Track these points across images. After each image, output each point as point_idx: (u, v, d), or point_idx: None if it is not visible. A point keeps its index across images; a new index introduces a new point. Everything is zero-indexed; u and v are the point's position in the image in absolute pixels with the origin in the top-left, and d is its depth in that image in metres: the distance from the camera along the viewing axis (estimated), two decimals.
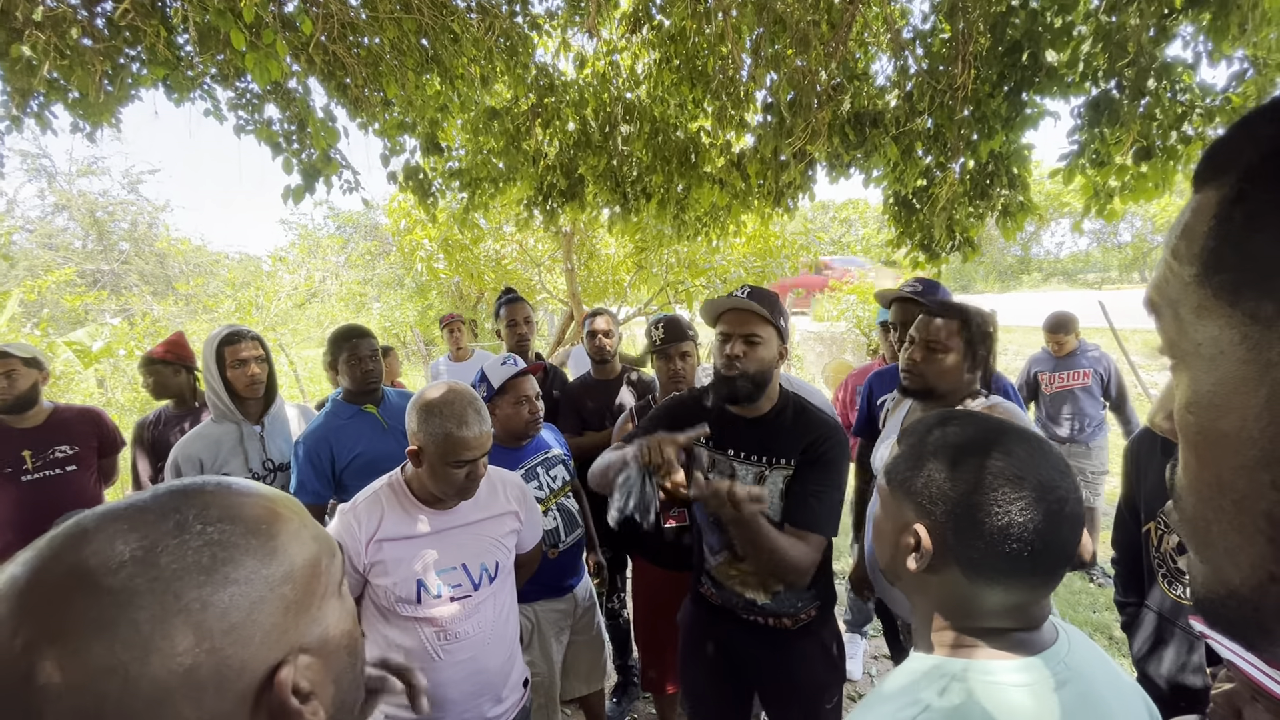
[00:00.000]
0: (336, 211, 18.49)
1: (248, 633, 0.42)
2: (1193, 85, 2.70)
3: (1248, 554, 0.29)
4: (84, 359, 7.29)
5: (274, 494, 0.51)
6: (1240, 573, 0.29)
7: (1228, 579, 0.30)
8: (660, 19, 3.57)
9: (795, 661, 1.62)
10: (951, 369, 1.61)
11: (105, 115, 3.16)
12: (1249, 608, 0.29)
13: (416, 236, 8.94)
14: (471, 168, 4.08)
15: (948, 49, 2.86)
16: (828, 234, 26.96)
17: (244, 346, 2.15)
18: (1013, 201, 3.22)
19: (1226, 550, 0.30)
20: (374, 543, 1.41)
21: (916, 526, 0.70)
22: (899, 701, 0.66)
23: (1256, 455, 0.27)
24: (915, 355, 1.64)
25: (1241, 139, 0.29)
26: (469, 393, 1.46)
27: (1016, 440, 0.69)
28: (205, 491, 0.46)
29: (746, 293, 1.51)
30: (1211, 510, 0.31)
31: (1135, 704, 0.71)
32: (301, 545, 0.48)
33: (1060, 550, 0.66)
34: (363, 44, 3.21)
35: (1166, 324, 0.32)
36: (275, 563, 0.45)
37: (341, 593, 0.53)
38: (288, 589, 0.45)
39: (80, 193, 16.76)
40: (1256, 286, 0.27)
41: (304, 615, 0.46)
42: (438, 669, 1.44)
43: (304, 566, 0.47)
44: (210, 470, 2.10)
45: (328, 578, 0.50)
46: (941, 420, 0.76)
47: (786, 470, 1.51)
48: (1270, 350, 0.26)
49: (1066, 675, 0.65)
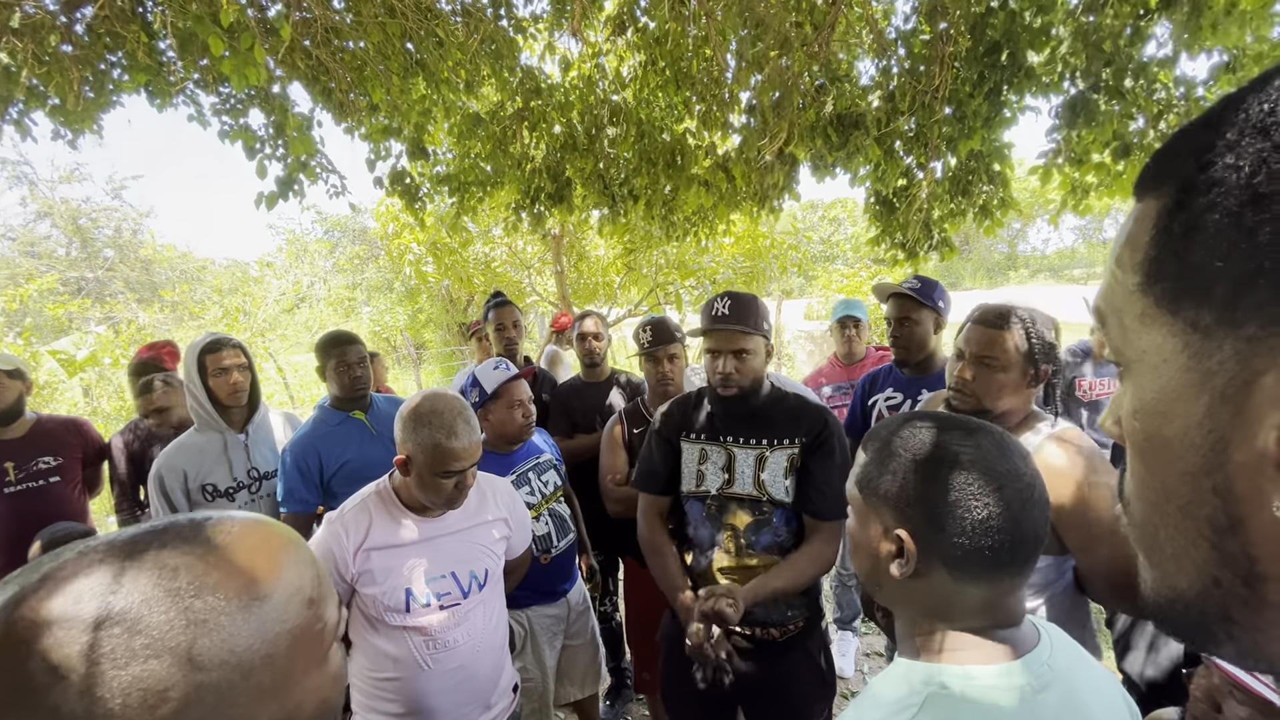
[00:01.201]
0: (324, 216, 18.34)
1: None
2: (1169, 84, 2.74)
3: (1192, 558, 0.29)
4: (68, 368, 7.21)
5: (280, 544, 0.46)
6: (1186, 577, 0.30)
7: (1174, 583, 0.31)
8: (645, 21, 3.58)
9: (782, 675, 1.61)
10: (1009, 386, 1.39)
11: (86, 122, 3.13)
12: (1194, 611, 0.30)
13: (405, 240, 8.91)
14: (459, 172, 4.07)
15: (929, 49, 2.89)
16: (817, 233, 27.08)
17: (226, 355, 2.13)
18: (993, 199, 3.26)
19: (1173, 555, 0.30)
20: (362, 551, 1.40)
21: (898, 532, 0.70)
22: (885, 710, 0.66)
23: (1199, 461, 0.28)
24: (965, 372, 1.42)
25: (1181, 149, 0.29)
26: (459, 402, 1.45)
27: (977, 433, 0.71)
28: (207, 547, 0.41)
29: (727, 304, 1.54)
30: (1158, 516, 0.31)
31: (1117, 705, 0.72)
32: (296, 614, 0.44)
33: (1034, 536, 0.68)
34: (347, 48, 3.20)
35: (1113, 332, 0.33)
36: (260, 642, 0.41)
37: (328, 659, 0.48)
38: (265, 676, 0.41)
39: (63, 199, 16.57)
40: (1195, 295, 0.27)
41: (279, 696, 0.42)
42: (426, 678, 1.43)
43: (291, 641, 0.43)
44: (194, 480, 2.08)
45: (318, 647, 0.46)
46: (899, 422, 0.76)
47: (790, 450, 1.56)
48: (1210, 359, 0.27)
49: (1049, 678, 0.66)
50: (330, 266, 16.19)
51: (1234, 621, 0.28)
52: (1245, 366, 0.25)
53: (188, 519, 0.44)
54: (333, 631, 0.49)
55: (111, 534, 0.41)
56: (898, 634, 0.77)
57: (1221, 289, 0.26)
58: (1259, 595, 0.27)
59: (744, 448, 1.60)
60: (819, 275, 12.49)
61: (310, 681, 0.45)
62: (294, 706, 0.44)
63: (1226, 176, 0.26)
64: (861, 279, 10.18)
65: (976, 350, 1.40)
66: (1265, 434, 0.25)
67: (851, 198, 32.67)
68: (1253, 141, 0.25)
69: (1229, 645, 0.29)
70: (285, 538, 0.48)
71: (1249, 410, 0.25)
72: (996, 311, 1.42)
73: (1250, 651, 0.29)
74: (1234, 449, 0.26)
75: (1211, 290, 0.26)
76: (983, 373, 1.39)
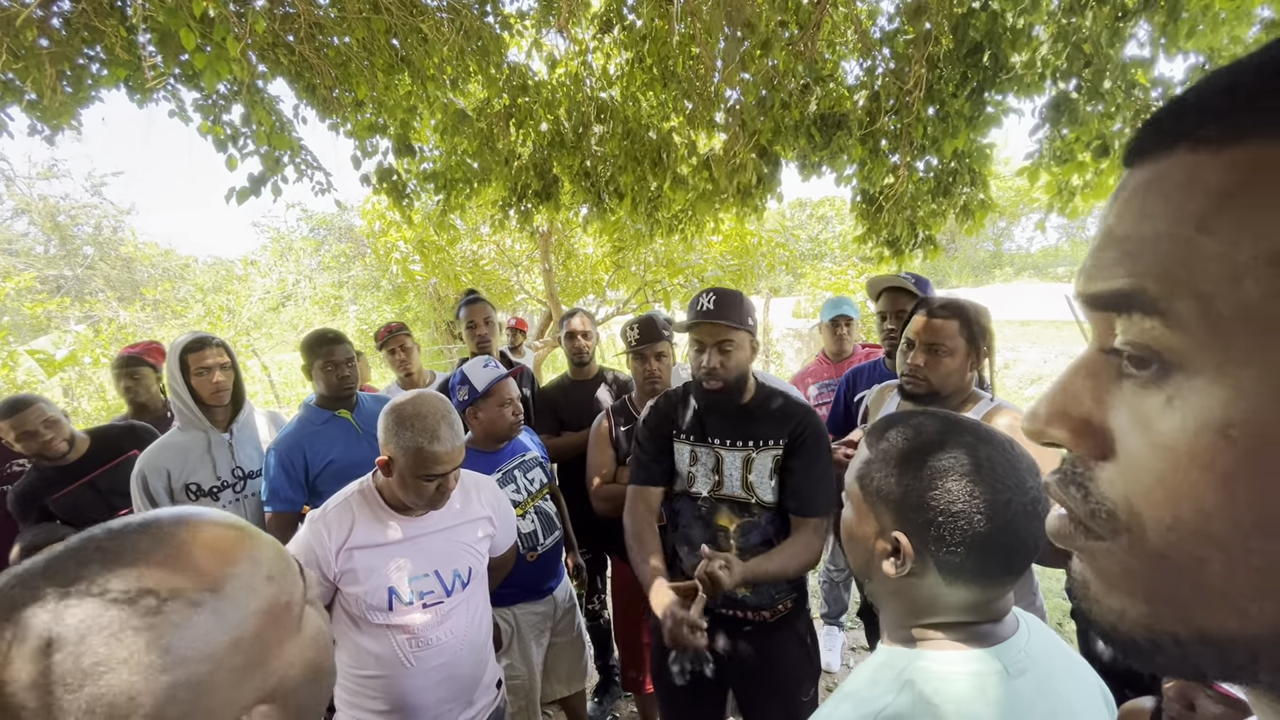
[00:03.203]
0: (310, 213, 18.14)
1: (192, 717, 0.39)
2: (1147, 85, 2.78)
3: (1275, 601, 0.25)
4: (48, 368, 7.09)
5: (219, 532, 0.46)
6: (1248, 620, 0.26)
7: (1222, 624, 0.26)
8: (632, 19, 3.57)
9: (773, 655, 1.65)
10: (956, 370, 1.54)
11: (64, 117, 3.08)
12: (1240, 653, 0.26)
13: (391, 238, 8.84)
14: (445, 169, 4.05)
15: (912, 50, 2.91)
16: (805, 231, 27.20)
17: (208, 354, 2.11)
18: (974, 199, 3.29)
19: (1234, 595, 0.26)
20: (344, 551, 1.39)
21: (896, 534, 0.69)
22: (864, 695, 0.67)
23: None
24: (918, 359, 1.55)
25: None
26: (443, 405, 1.44)
27: (986, 441, 0.69)
28: (137, 553, 0.41)
29: (712, 300, 1.56)
30: (1220, 551, 0.26)
31: (1092, 690, 0.74)
32: (254, 594, 0.44)
33: (1034, 549, 0.67)
34: (331, 44, 3.17)
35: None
36: (221, 629, 0.41)
37: (302, 626, 0.49)
38: (238, 659, 0.42)
39: (41, 196, 16.27)
40: None
41: (258, 672, 0.43)
42: (409, 675, 1.43)
43: (256, 620, 0.44)
44: (177, 479, 2.06)
45: (286, 619, 0.47)
46: (906, 421, 0.75)
47: (775, 451, 1.59)
48: None
49: (1026, 664, 0.67)
50: (316, 264, 16.02)
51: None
52: None
53: (121, 525, 0.43)
54: (301, 600, 0.49)
55: (52, 552, 0.41)
56: (883, 623, 0.78)
57: None
58: None
59: (731, 450, 1.62)
60: (807, 273, 12.53)
61: (288, 652, 0.46)
62: (278, 678, 0.45)
63: None
64: (849, 277, 10.25)
65: (927, 339, 1.54)
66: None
67: (839, 196, 32.86)
68: None
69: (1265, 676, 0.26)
70: (228, 525, 0.48)
71: None
72: (940, 303, 1.58)
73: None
74: None
75: None
76: (933, 359, 1.53)
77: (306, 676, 0.48)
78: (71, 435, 2.34)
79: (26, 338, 9.18)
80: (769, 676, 1.66)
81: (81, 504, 2.30)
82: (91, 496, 2.32)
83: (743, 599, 1.62)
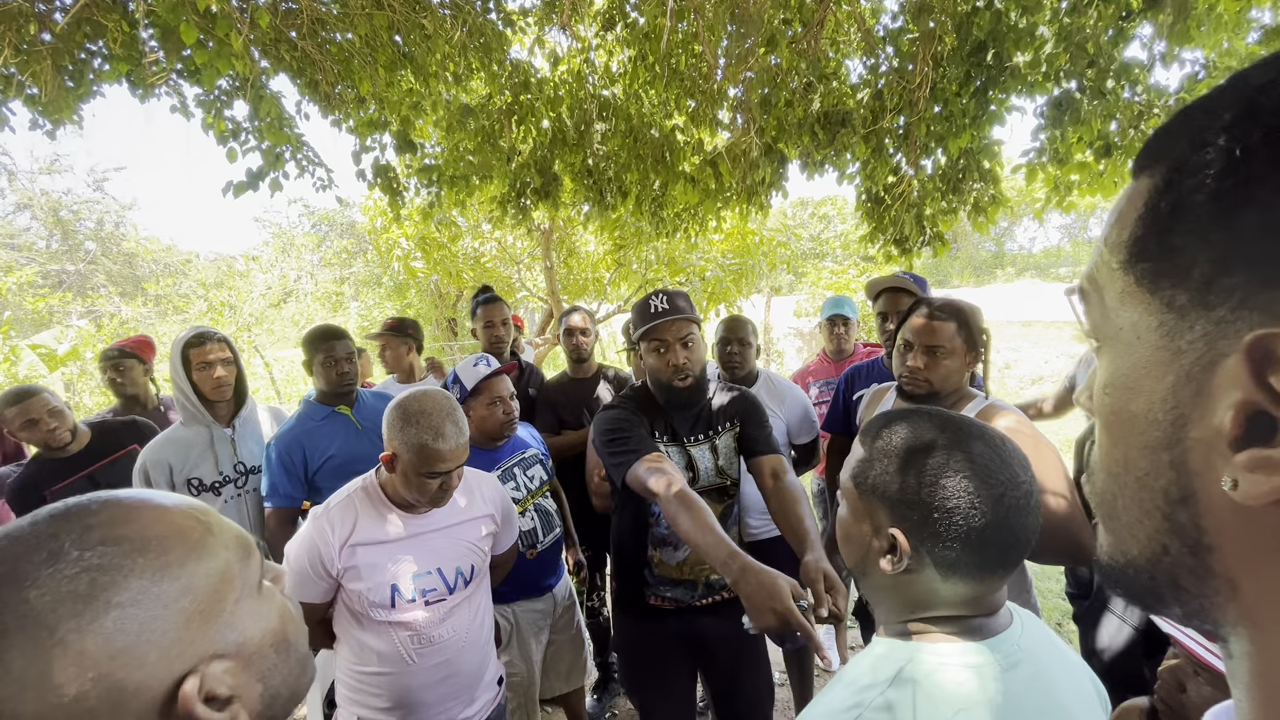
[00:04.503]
0: (311, 210, 18.12)
1: (140, 653, 0.41)
2: (1149, 85, 2.78)
3: (1145, 527, 0.31)
4: (49, 362, 7.10)
5: (173, 505, 0.50)
6: (1138, 544, 0.32)
7: (1127, 549, 0.33)
8: (635, 16, 3.57)
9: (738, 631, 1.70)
10: (955, 371, 1.55)
11: (66, 112, 3.07)
12: (1145, 575, 0.32)
13: (393, 235, 8.82)
14: (446, 166, 4.05)
15: (916, 48, 2.91)
16: (806, 230, 27.16)
17: (210, 349, 2.12)
18: (984, 196, 3.29)
19: (1128, 524, 0.32)
20: (347, 547, 1.40)
21: (892, 531, 0.70)
22: (861, 684, 0.68)
23: (1159, 436, 0.29)
24: (917, 361, 1.56)
25: (1178, 129, 0.29)
26: (448, 402, 1.43)
27: (979, 438, 0.70)
28: (88, 512, 0.45)
29: (665, 299, 1.60)
30: (1117, 486, 0.33)
31: (1084, 683, 0.74)
32: (204, 556, 0.47)
33: (1027, 542, 0.69)
34: (334, 40, 3.16)
35: (1093, 308, 0.34)
36: (168, 579, 0.44)
37: (262, 592, 0.52)
38: (186, 601, 0.45)
39: (43, 191, 16.28)
40: (1174, 275, 0.28)
41: (212, 623, 0.46)
42: (411, 673, 1.43)
43: (207, 576, 0.47)
44: (180, 474, 2.07)
45: (241, 581, 0.50)
46: (900, 419, 0.75)
47: (733, 430, 1.70)
48: (1180, 338, 0.28)
49: (1019, 656, 0.68)
50: (317, 261, 16.02)
51: (1181, 587, 0.30)
52: (1211, 348, 0.26)
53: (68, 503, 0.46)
54: (257, 572, 0.53)
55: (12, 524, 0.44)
56: (877, 617, 0.78)
57: (1199, 270, 0.26)
58: (1204, 564, 0.28)
59: (697, 444, 1.67)
60: (808, 272, 12.51)
61: (245, 609, 0.49)
62: (238, 635, 0.48)
63: (1216, 159, 0.26)
64: (850, 276, 10.23)
65: (927, 341, 1.54)
66: (1222, 413, 0.26)
67: (841, 195, 32.81)
68: (1246, 125, 0.25)
69: (1175, 608, 0.31)
70: (185, 501, 0.51)
71: (1210, 389, 0.27)
72: (939, 304, 1.59)
73: (1195, 614, 0.30)
74: (1192, 426, 0.28)
75: (1190, 271, 0.27)
76: (933, 361, 1.54)
77: (270, 643, 0.50)
78: (74, 426, 2.35)
79: (28, 332, 9.19)
80: (738, 654, 1.72)
81: None
82: (91, 490, 2.33)
83: (715, 582, 1.66)
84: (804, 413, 2.41)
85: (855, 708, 0.64)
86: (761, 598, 1.10)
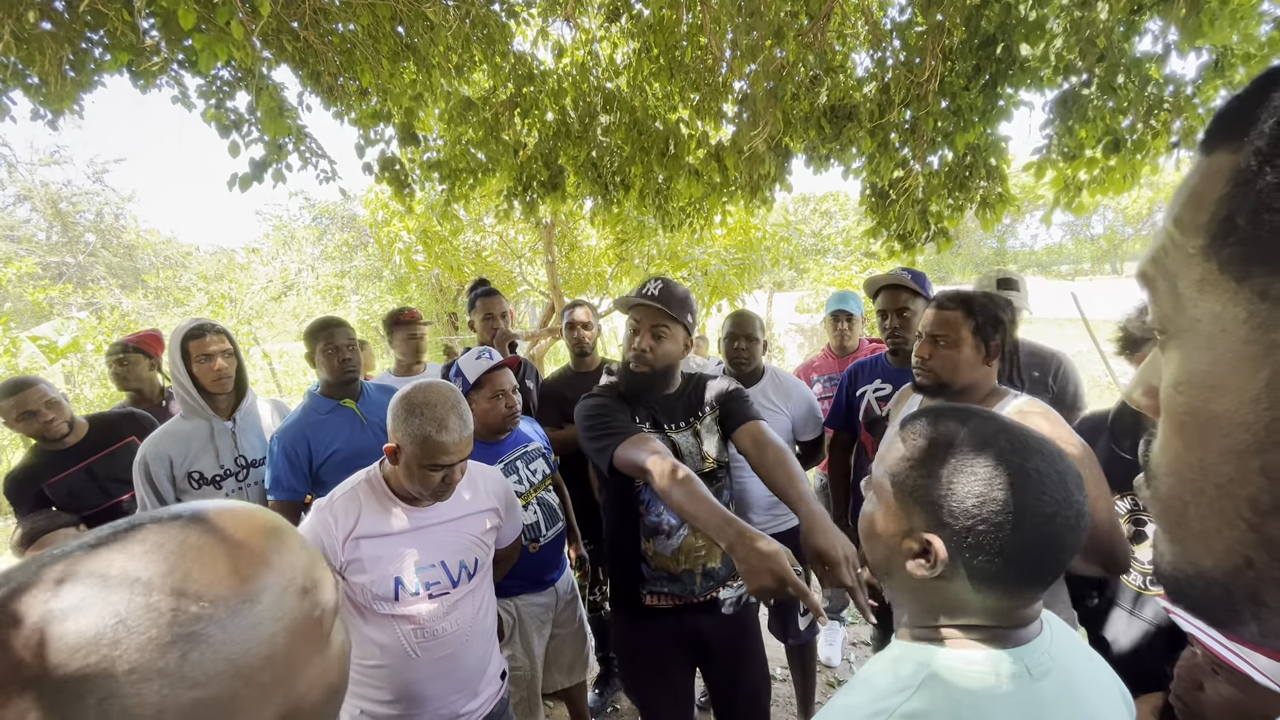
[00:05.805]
0: (312, 202, 18.07)
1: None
2: (1159, 79, 2.75)
3: (1224, 538, 0.28)
4: (50, 354, 7.10)
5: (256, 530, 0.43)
6: (1213, 556, 0.29)
7: (1198, 560, 0.30)
8: (640, 8, 3.54)
9: (747, 619, 1.73)
10: (964, 362, 1.51)
11: (67, 102, 3.05)
12: (1219, 589, 0.29)
13: (394, 228, 8.79)
14: (450, 159, 4.02)
15: (924, 41, 2.88)
16: (808, 226, 27.11)
17: (209, 341, 2.10)
18: (991, 193, 3.27)
19: (1201, 533, 0.29)
20: (351, 540, 1.39)
21: (929, 536, 0.67)
22: (880, 688, 0.66)
23: (1249, 440, 0.26)
24: (923, 351, 1.55)
25: (1268, 98, 0.26)
26: (453, 395, 1.43)
27: (1035, 451, 0.66)
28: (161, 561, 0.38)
29: (659, 287, 1.60)
30: (1190, 492, 0.30)
31: (1112, 693, 0.72)
32: (289, 607, 0.42)
33: (1069, 559, 0.66)
34: (336, 31, 3.14)
35: (1161, 298, 0.30)
36: (256, 643, 0.39)
37: (329, 642, 0.46)
38: (266, 676, 0.40)
39: (43, 183, 16.24)
40: (1269, 263, 0.25)
41: (281, 691, 0.41)
42: (415, 666, 1.43)
43: (288, 636, 0.42)
44: (180, 467, 2.06)
45: (317, 633, 0.45)
46: (949, 418, 0.71)
47: (712, 414, 1.71)
48: (1275, 331, 0.25)
49: (1049, 666, 0.66)
50: (318, 254, 15.99)
51: (1263, 603, 0.27)
52: None
53: (151, 517, 0.41)
54: (332, 614, 0.47)
55: (75, 543, 0.38)
56: (898, 617, 0.76)
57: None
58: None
59: (680, 431, 1.67)
60: (810, 268, 12.48)
61: (313, 669, 0.44)
62: (299, 697, 0.42)
63: None
64: (853, 272, 10.21)
65: (931, 330, 1.55)
66: None
67: (843, 191, 32.74)
68: None
69: (1253, 624, 0.28)
70: (268, 525, 0.45)
71: None
72: (949, 295, 1.58)
73: (1275, 631, 0.28)
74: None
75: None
76: (938, 350, 1.53)
77: (324, 698, 0.46)
78: (71, 418, 2.34)
79: (28, 324, 9.19)
80: (736, 650, 1.73)
81: (78, 489, 2.30)
82: (88, 482, 2.32)
83: (713, 570, 1.65)
84: (809, 409, 2.40)
85: (878, 715, 0.62)
86: (756, 559, 1.11)
